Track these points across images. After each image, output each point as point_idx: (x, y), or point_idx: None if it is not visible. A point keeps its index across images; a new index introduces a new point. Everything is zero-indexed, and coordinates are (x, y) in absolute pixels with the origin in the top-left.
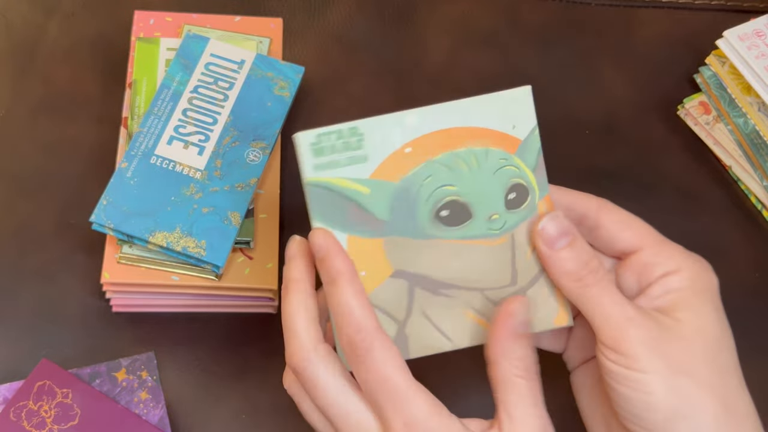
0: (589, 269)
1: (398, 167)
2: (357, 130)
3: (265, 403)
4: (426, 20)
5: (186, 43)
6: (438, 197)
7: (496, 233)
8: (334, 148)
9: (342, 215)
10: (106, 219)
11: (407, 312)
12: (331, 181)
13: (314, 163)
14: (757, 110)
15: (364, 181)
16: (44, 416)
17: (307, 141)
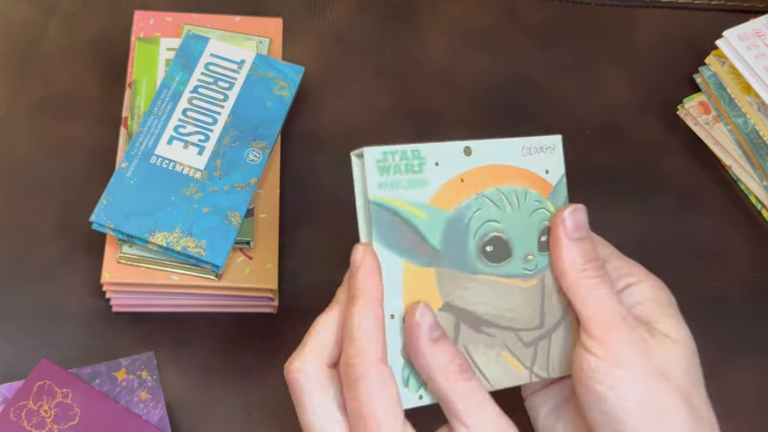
0: (596, 264)
1: (453, 196)
2: (419, 153)
3: (265, 403)
4: (426, 20)
5: (186, 43)
6: (485, 231)
7: (530, 273)
8: (397, 168)
9: (400, 239)
10: (106, 219)
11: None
12: (393, 202)
13: (379, 181)
14: (757, 110)
15: (422, 206)
16: (44, 416)
17: (374, 157)
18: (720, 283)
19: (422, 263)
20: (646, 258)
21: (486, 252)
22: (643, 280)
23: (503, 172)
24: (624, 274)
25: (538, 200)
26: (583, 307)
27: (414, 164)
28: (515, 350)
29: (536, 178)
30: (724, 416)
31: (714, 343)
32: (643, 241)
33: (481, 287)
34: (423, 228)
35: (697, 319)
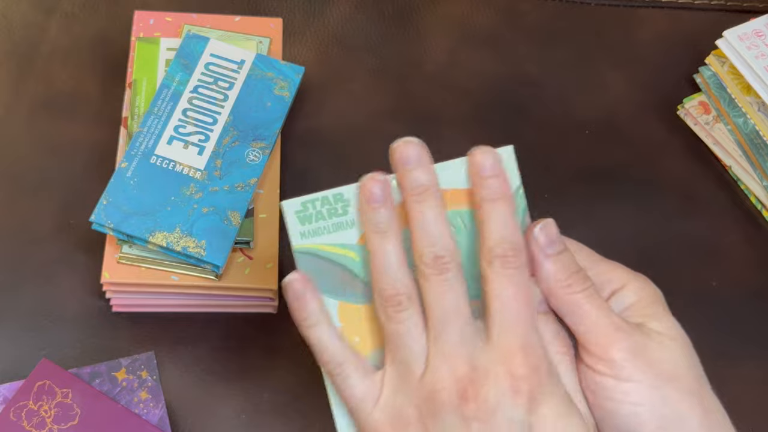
0: (579, 276)
1: None
2: (342, 196)
3: (265, 403)
4: (426, 20)
5: (186, 43)
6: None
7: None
8: (320, 215)
9: (332, 281)
10: (106, 219)
11: None
12: (319, 248)
13: (301, 230)
14: (757, 110)
15: (352, 247)
16: (44, 416)
17: (292, 209)
18: (720, 283)
19: (361, 301)
20: (646, 258)
21: None
22: (627, 283)
23: (452, 196)
24: (606, 279)
25: None
26: (576, 324)
27: (337, 208)
28: None
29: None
30: None
31: (714, 343)
32: (643, 241)
33: None
34: (355, 267)
35: (697, 319)
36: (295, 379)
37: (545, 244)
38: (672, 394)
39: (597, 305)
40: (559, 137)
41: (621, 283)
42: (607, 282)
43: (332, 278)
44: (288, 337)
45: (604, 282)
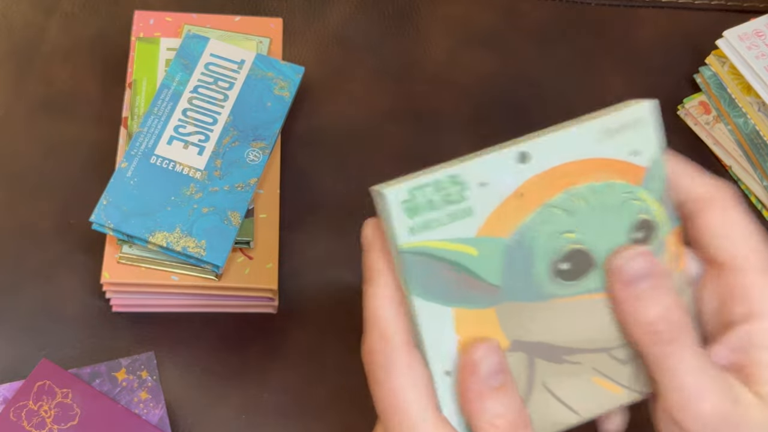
0: (669, 322)
1: (509, 218)
2: (458, 177)
3: (266, 403)
4: (426, 20)
5: (186, 43)
6: (556, 248)
7: None
8: (432, 204)
9: (446, 285)
10: (106, 219)
11: (528, 388)
12: (431, 245)
13: (409, 225)
14: (757, 110)
15: (470, 241)
16: (44, 416)
17: (398, 199)
18: None
19: (480, 305)
20: None
21: (561, 271)
22: (759, 316)
23: (574, 170)
24: (756, 296)
25: (627, 191)
26: (657, 377)
27: (452, 193)
28: (609, 371)
29: (621, 165)
30: None
31: None
32: None
33: (557, 313)
34: (474, 266)
35: None
36: (295, 379)
37: (628, 279)
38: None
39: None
40: None
41: (750, 311)
42: (755, 300)
43: (447, 281)
44: (288, 337)
45: (746, 297)
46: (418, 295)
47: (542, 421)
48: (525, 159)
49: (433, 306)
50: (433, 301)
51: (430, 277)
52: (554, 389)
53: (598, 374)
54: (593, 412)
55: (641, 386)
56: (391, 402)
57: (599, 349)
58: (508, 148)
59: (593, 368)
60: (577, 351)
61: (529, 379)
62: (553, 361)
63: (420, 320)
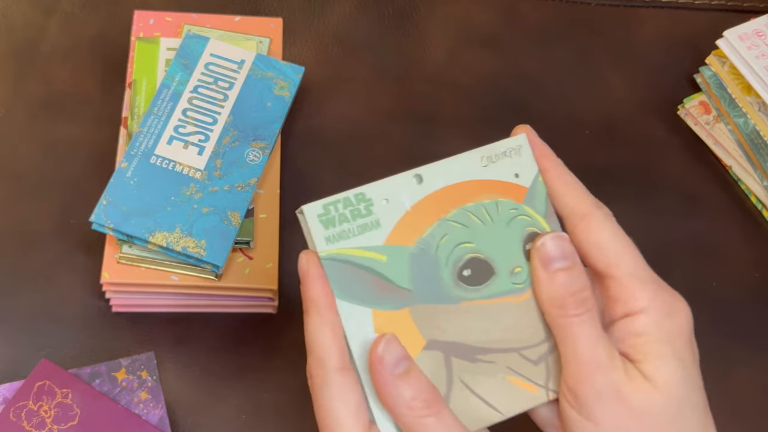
0: (576, 299)
1: (412, 230)
2: (364, 195)
3: (265, 403)
4: (426, 20)
5: (186, 43)
6: (458, 256)
7: (521, 287)
8: (343, 218)
9: (363, 288)
10: (106, 219)
11: (448, 385)
12: (346, 252)
13: (326, 235)
14: (757, 110)
15: (379, 248)
16: (44, 416)
17: (315, 212)
18: (720, 283)
19: (393, 306)
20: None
21: (464, 277)
22: (647, 308)
23: (464, 189)
24: (628, 296)
25: (513, 208)
26: (561, 349)
27: (360, 208)
28: (522, 371)
29: (505, 186)
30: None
31: (714, 343)
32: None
33: (466, 315)
34: (385, 270)
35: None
36: (295, 379)
37: (547, 259)
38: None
39: (586, 336)
40: (559, 137)
41: (641, 305)
42: (627, 299)
43: (363, 284)
44: (288, 337)
45: (623, 299)
46: (339, 297)
47: (466, 417)
48: (420, 180)
49: (353, 307)
50: (353, 303)
51: (349, 280)
52: (473, 387)
53: (512, 373)
54: (513, 410)
55: (555, 385)
56: (327, 421)
57: (510, 349)
58: (405, 172)
59: (507, 367)
60: (490, 351)
61: (448, 377)
62: (468, 360)
63: (343, 320)
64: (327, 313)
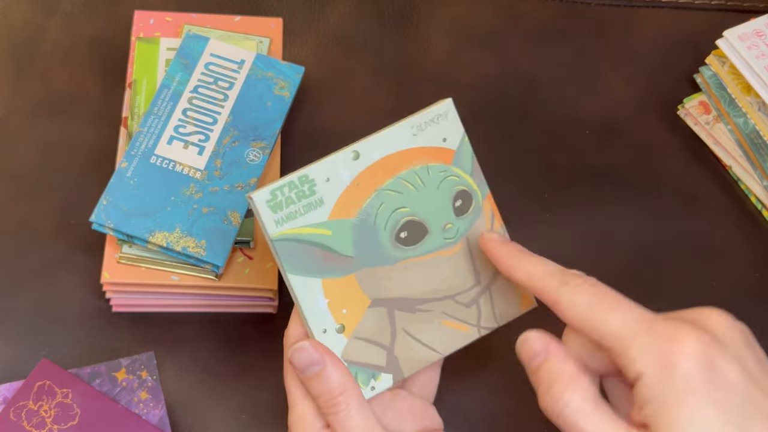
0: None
1: (352, 203)
2: (307, 177)
3: (266, 403)
4: (426, 20)
5: (186, 43)
6: (394, 221)
7: (452, 241)
8: (289, 200)
9: (313, 262)
10: (106, 219)
11: (392, 336)
12: (294, 232)
13: (275, 218)
14: (757, 110)
15: (324, 224)
16: (44, 416)
17: (263, 199)
18: (720, 283)
19: (340, 274)
20: (646, 258)
21: (401, 239)
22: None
23: (397, 159)
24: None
25: (443, 170)
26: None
27: (305, 189)
28: (456, 314)
29: (434, 151)
30: None
31: None
32: (643, 241)
33: (405, 272)
34: (331, 243)
35: None
36: None
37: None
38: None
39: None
40: (559, 137)
41: (637, 370)
42: (625, 366)
43: (312, 258)
44: None
45: (623, 366)
46: (291, 272)
47: (409, 360)
48: (357, 156)
49: (305, 279)
50: (304, 275)
51: (299, 256)
52: (414, 333)
53: (447, 317)
54: (450, 348)
55: (485, 323)
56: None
57: (445, 297)
58: (342, 149)
59: (443, 312)
60: (427, 301)
61: (392, 328)
62: (408, 311)
63: (296, 292)
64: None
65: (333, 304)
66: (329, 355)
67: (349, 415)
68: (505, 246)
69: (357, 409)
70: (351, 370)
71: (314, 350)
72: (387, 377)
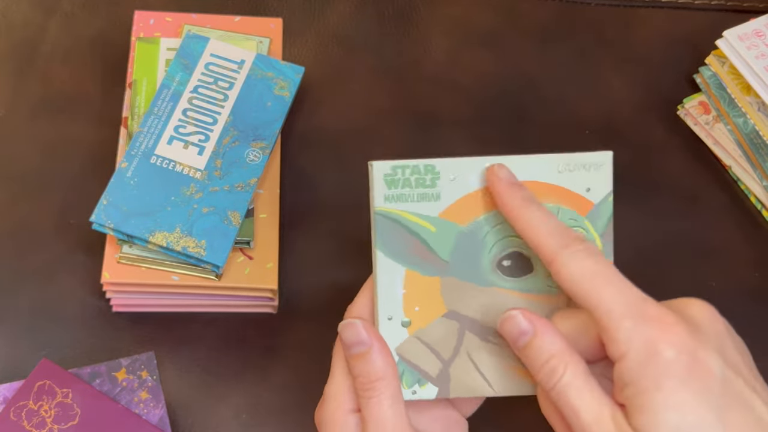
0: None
1: (468, 211)
2: (434, 168)
3: (266, 403)
4: (426, 20)
5: (186, 43)
6: (502, 247)
7: (554, 291)
8: (407, 182)
9: (405, 249)
10: (106, 219)
11: (454, 352)
12: (399, 214)
13: (386, 193)
14: (757, 110)
15: (432, 219)
16: (44, 416)
17: (382, 171)
18: (720, 283)
19: (427, 272)
20: (646, 258)
21: (503, 266)
22: (627, 352)
23: (533, 188)
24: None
25: (573, 218)
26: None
27: (426, 179)
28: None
29: (573, 196)
30: None
31: None
32: (642, 241)
33: (493, 299)
34: (431, 240)
35: None
36: (295, 379)
37: (516, 336)
38: None
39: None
40: (559, 137)
41: (621, 350)
42: (610, 343)
43: (406, 245)
44: (288, 337)
45: (608, 342)
46: (380, 249)
47: (461, 383)
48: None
49: (390, 262)
50: (391, 258)
51: (394, 238)
52: (476, 360)
53: (516, 362)
54: (507, 391)
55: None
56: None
57: None
58: (482, 156)
59: (513, 355)
60: (501, 335)
61: (456, 346)
62: (480, 337)
63: (378, 270)
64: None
65: (408, 296)
66: (378, 340)
67: (380, 403)
68: (510, 189)
69: (390, 400)
70: (400, 366)
71: (364, 330)
72: (432, 389)
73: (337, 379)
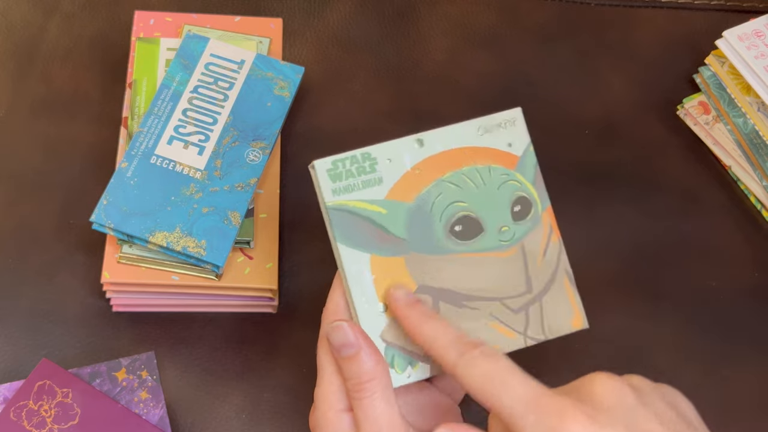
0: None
1: (410, 188)
2: (370, 155)
3: (266, 403)
4: (426, 20)
5: (186, 43)
6: (450, 213)
7: (506, 244)
8: (349, 173)
9: (363, 236)
10: (106, 219)
11: None
12: (349, 204)
13: (332, 187)
14: (757, 110)
15: (380, 202)
16: (44, 416)
17: (324, 167)
18: (720, 283)
19: (389, 253)
20: (646, 258)
21: (455, 232)
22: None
23: (460, 154)
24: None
25: (504, 173)
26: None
27: (365, 166)
28: (504, 318)
29: (499, 153)
30: (725, 417)
31: (714, 343)
32: (642, 241)
33: (455, 265)
34: (384, 222)
35: (697, 319)
36: (295, 379)
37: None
38: None
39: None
40: (559, 137)
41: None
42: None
43: (363, 232)
44: (288, 337)
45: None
46: (341, 242)
47: None
48: (421, 144)
49: (353, 251)
50: (353, 248)
51: (351, 228)
52: (458, 329)
53: (494, 320)
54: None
55: (533, 333)
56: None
57: (494, 298)
58: (408, 136)
59: (490, 314)
60: (475, 298)
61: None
62: (455, 305)
63: (344, 262)
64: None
65: (378, 281)
66: (365, 340)
67: (373, 403)
68: (408, 308)
69: (382, 399)
70: (388, 352)
71: (351, 332)
72: (424, 367)
73: (326, 380)
